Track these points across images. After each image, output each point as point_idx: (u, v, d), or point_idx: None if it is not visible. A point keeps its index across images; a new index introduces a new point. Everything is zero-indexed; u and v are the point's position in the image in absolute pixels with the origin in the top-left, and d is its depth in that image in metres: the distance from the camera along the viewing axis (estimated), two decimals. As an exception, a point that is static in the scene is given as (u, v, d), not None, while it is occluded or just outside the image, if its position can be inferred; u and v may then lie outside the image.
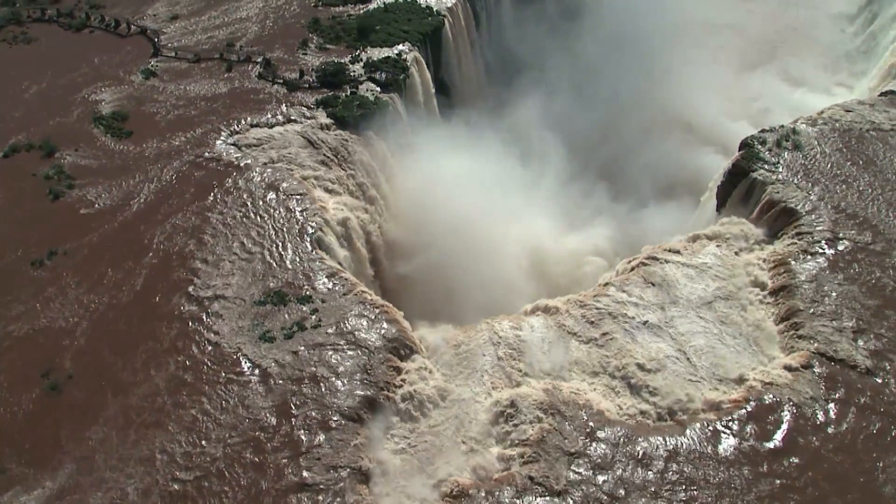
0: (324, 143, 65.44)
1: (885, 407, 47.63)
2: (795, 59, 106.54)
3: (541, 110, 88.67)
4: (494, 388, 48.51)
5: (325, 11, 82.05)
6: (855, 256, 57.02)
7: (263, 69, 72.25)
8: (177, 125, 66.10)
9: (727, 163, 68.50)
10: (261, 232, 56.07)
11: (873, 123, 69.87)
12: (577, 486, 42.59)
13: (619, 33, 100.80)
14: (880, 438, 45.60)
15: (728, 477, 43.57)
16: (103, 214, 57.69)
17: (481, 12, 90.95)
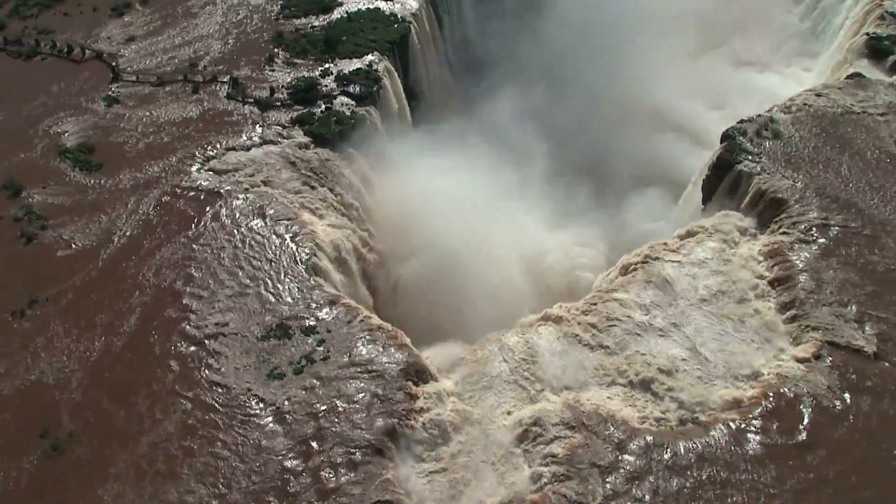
0: (304, 163, 63.67)
1: (891, 389, 48.37)
2: (751, 42, 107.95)
3: (512, 109, 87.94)
4: (514, 407, 47.69)
5: (288, 24, 79.77)
6: (847, 241, 57.70)
7: (232, 89, 69.92)
8: (149, 154, 63.46)
9: (710, 156, 68.78)
10: (253, 262, 54.17)
11: (844, 107, 70.87)
12: (612, 502, 42.06)
13: (580, 24, 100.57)
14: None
15: (759, 476, 43.63)
16: (83, 255, 54.97)
17: (444, 15, 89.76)
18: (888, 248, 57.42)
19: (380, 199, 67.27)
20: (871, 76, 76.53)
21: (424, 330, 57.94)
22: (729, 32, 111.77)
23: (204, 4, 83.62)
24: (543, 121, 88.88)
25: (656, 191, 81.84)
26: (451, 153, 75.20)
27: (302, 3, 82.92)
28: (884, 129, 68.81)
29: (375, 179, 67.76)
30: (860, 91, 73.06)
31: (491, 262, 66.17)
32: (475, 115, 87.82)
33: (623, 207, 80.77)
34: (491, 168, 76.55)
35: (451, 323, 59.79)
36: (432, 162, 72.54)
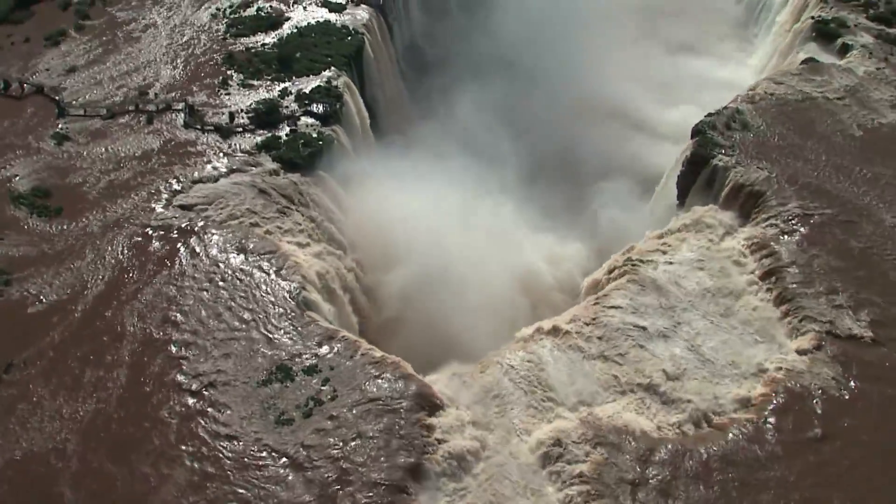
0: (276, 191, 61.38)
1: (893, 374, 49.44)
2: (693, 29, 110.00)
3: (469, 111, 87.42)
4: (530, 427, 46.83)
5: (238, 43, 76.83)
6: (828, 229, 58.88)
7: (189, 117, 66.92)
8: (111, 193, 60.08)
9: (682, 152, 69.28)
10: (240, 301, 51.84)
11: (804, 93, 72.42)
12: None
13: (526, 20, 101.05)
14: (905, 405, 47.39)
15: (782, 474, 43.98)
16: (57, 308, 51.51)
17: (394, 23, 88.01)
18: (866, 232, 58.85)
19: (357, 222, 65.52)
20: (824, 60, 78.35)
21: (418, 351, 56.70)
22: (670, 20, 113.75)
23: (145, 27, 79.90)
24: (503, 119, 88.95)
25: (622, 182, 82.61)
26: (418, 164, 74.23)
27: (248, 20, 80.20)
28: (844, 112, 70.56)
29: (350, 201, 65.99)
30: (817, 76, 74.70)
31: (476, 273, 65.24)
32: (433, 121, 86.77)
33: (593, 201, 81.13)
34: (461, 173, 75.69)
35: (444, 341, 58.84)
36: (402, 176, 71.31)
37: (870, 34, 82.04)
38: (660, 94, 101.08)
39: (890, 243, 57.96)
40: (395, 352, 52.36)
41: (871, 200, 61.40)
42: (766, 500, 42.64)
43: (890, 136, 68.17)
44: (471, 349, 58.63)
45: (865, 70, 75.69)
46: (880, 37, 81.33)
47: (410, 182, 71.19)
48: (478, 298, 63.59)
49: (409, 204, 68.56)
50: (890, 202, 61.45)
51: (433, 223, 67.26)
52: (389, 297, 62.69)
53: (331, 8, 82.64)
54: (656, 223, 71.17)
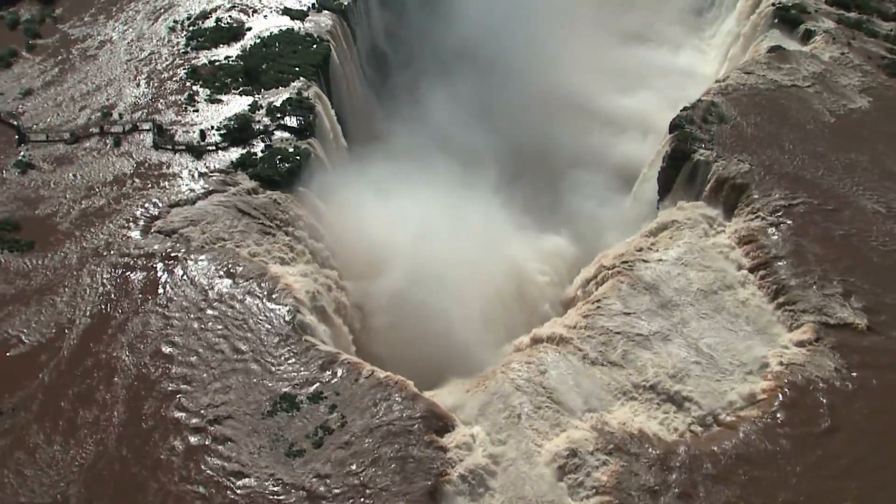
0: (257, 210, 59.59)
1: (893, 359, 50.25)
2: (649, 18, 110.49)
3: (436, 111, 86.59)
4: (543, 439, 46.45)
5: (200, 57, 74.24)
6: (812, 219, 59.70)
7: (158, 137, 64.53)
8: (85, 222, 57.58)
9: (661, 147, 69.44)
10: (235, 329, 50.25)
11: (775, 82, 73.20)
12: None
13: (488, 14, 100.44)
14: (906, 391, 48.34)
15: (796, 469, 44.55)
16: (42, 348, 49.10)
17: (356, 27, 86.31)
18: (849, 218, 59.83)
19: (341, 237, 64.01)
20: (787, 47, 79.30)
21: (413, 362, 55.89)
22: (626, 9, 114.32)
23: (101, 44, 76.78)
24: (472, 115, 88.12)
25: (595, 175, 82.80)
26: (393, 172, 73.00)
27: (209, 32, 77.59)
28: (815, 100, 71.56)
29: (331, 216, 64.40)
30: (784, 64, 75.57)
31: (466, 279, 64.38)
32: (402, 125, 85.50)
33: (567, 195, 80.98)
34: (438, 176, 74.88)
35: (438, 350, 57.96)
36: (378, 185, 70.14)
37: (830, 19, 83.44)
38: (619, 83, 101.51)
39: (872, 229, 59.01)
40: (390, 366, 51.90)
41: (849, 187, 62.41)
42: (784, 497, 43.06)
43: (861, 122, 69.38)
44: (466, 356, 58.22)
45: (830, 55, 76.88)
46: (841, 21, 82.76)
47: (388, 190, 70.07)
48: (468, 305, 62.83)
49: (389, 214, 67.43)
50: (867, 188, 62.56)
51: (416, 231, 66.14)
52: (379, 311, 61.41)
53: (292, 16, 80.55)
54: (637, 219, 71.66)
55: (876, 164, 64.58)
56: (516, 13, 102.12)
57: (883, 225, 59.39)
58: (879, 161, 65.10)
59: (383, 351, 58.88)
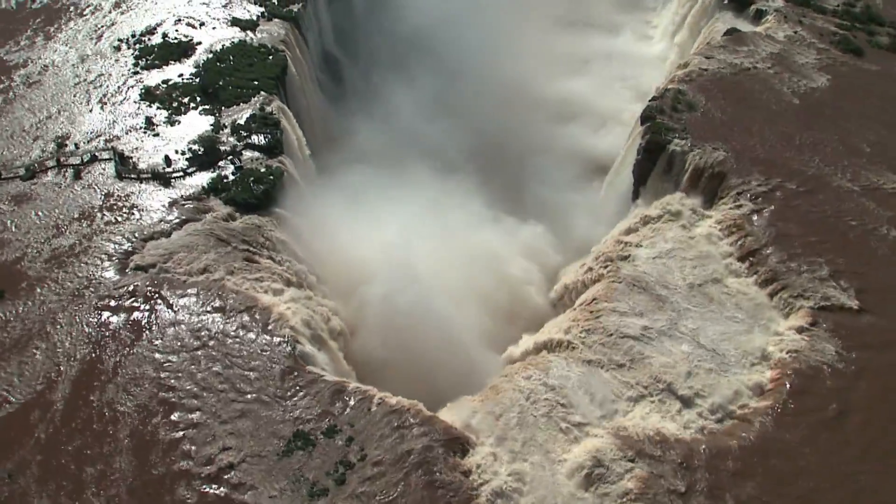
0: (236, 237, 57.43)
1: (888, 337, 51.56)
2: (598, 5, 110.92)
3: (395, 113, 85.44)
4: (563, 450, 46.10)
5: (152, 76, 71.12)
6: (792, 202, 60.71)
7: (120, 166, 61.53)
8: (56, 264, 54.45)
9: (631, 139, 69.60)
10: (234, 366, 48.29)
11: (735, 65, 74.12)
12: (703, 524, 41.99)
13: (434, 7, 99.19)
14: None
15: (814, 457, 45.17)
16: (33, 404, 46.08)
17: (307, 33, 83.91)
18: (825, 199, 61.12)
19: (323, 257, 62.37)
20: (741, 28, 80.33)
21: (415, 379, 55.24)
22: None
23: (43, 69, 72.60)
24: (429, 112, 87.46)
25: (559, 164, 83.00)
26: (361, 179, 72.20)
27: (157, 49, 74.28)
28: (776, 80, 72.70)
29: (311, 236, 62.58)
30: (742, 46, 76.61)
31: (455, 286, 63.68)
32: (362, 129, 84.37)
33: (538, 185, 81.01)
34: (407, 178, 74.11)
35: (437, 362, 57.26)
36: (351, 196, 69.00)
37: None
38: (568, 69, 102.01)
39: (848, 207, 60.38)
40: (390, 383, 51.13)
41: (821, 167, 63.70)
42: (807, 486, 43.66)
43: (822, 100, 70.83)
44: (463, 364, 57.73)
45: (785, 35, 78.23)
46: (789, 0, 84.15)
47: (360, 201, 68.97)
48: (461, 312, 62.18)
49: (365, 226, 66.29)
50: (838, 166, 63.95)
51: (395, 241, 64.84)
52: (371, 329, 60.08)
53: (242, 26, 77.81)
54: (611, 212, 71.83)
55: (843, 142, 66.02)
56: (461, 4, 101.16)
57: (857, 202, 60.80)
58: (845, 139, 66.58)
59: (380, 369, 57.72)
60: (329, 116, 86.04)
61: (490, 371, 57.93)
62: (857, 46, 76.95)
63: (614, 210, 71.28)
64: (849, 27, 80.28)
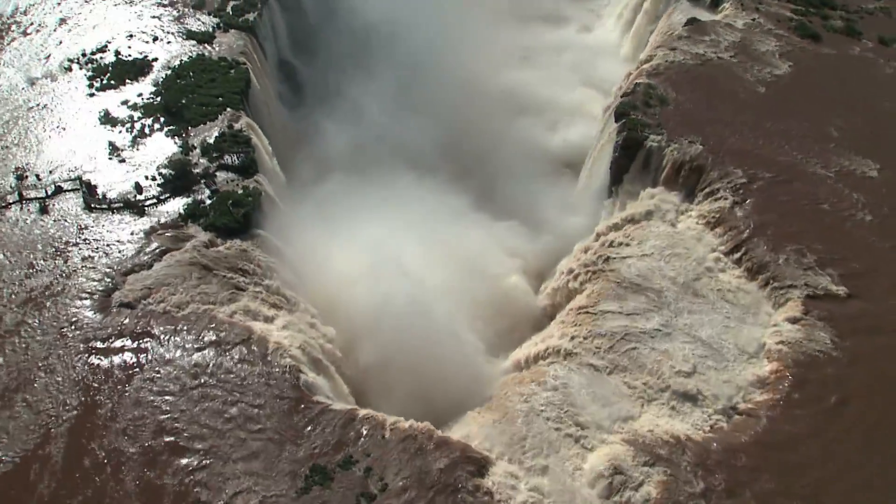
0: (220, 264, 55.47)
1: (877, 322, 52.93)
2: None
3: (363, 115, 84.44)
4: (579, 461, 46.16)
5: (109, 97, 68.04)
6: (771, 192, 61.79)
7: (88, 196, 58.89)
8: (34, 306, 51.41)
9: (609, 136, 69.53)
10: (238, 402, 46.68)
11: (699, 56, 74.94)
12: (727, 524, 42.51)
13: (386, 11, 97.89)
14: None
15: (821, 447, 46.14)
16: (29, 460, 42.94)
17: (264, 42, 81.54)
18: (803, 188, 62.50)
19: (308, 277, 60.85)
20: (699, 16, 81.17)
21: (414, 393, 54.65)
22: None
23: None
24: (392, 113, 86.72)
25: (531, 159, 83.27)
26: (334, 190, 71.09)
27: (111, 67, 71.06)
28: (740, 69, 73.78)
29: (295, 256, 61.04)
30: (704, 36, 77.44)
31: (446, 292, 62.99)
32: (326, 137, 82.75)
33: (508, 182, 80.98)
34: (378, 185, 73.18)
35: (437, 375, 56.55)
36: (327, 210, 67.77)
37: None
38: (527, 63, 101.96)
39: (825, 194, 61.77)
40: (387, 407, 50.46)
41: (794, 156, 64.97)
42: (820, 476, 44.51)
43: (787, 87, 72.17)
44: (462, 374, 57.22)
45: (743, 22, 79.38)
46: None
47: (336, 215, 67.83)
48: (453, 321, 61.57)
49: (346, 240, 65.14)
50: (810, 153, 65.35)
51: (378, 253, 63.96)
52: (365, 348, 58.92)
53: (198, 39, 75.12)
54: (589, 209, 72.02)
55: (812, 129, 67.43)
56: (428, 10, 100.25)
57: (833, 188, 62.23)
58: (814, 125, 68.02)
59: (379, 388, 56.80)
60: (291, 126, 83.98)
61: (489, 375, 57.62)
62: (814, 31, 78.57)
63: (591, 205, 71.51)
64: (803, 12, 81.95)
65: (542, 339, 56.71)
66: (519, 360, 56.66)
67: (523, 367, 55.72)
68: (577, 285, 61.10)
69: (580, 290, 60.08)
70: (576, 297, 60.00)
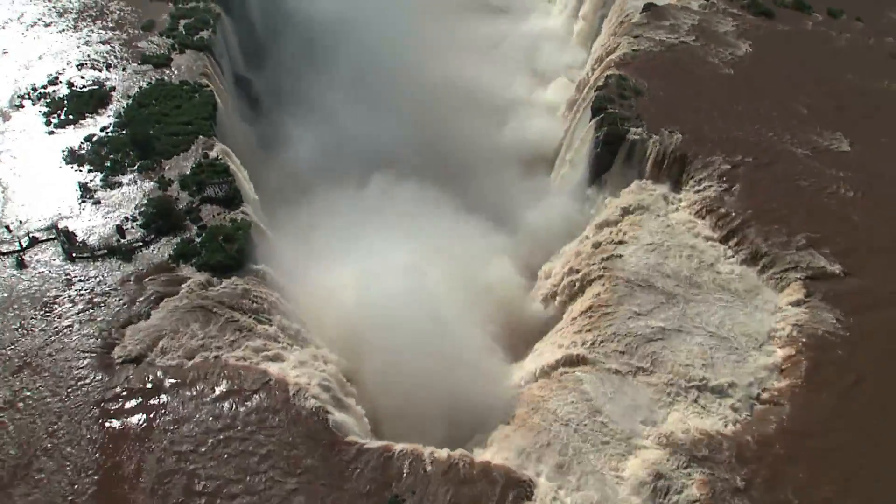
0: (221, 306, 53.37)
1: (875, 298, 54.79)
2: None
3: (325, 124, 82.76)
4: (617, 470, 46.62)
5: (70, 134, 64.39)
6: (756, 176, 63.29)
7: (68, 245, 55.89)
8: (30, 371, 47.99)
9: (587, 131, 69.49)
10: (269, 450, 45.18)
11: (662, 42, 75.70)
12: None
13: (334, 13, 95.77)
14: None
15: (847, 428, 47.60)
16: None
17: (220, 60, 78.50)
18: (784, 169, 64.10)
19: (308, 307, 59.28)
20: (656, 1, 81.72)
21: (432, 411, 54.14)
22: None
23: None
24: (354, 119, 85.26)
25: (500, 154, 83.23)
26: (314, 211, 69.46)
27: (67, 101, 67.00)
28: (703, 52, 74.98)
29: (293, 286, 59.34)
30: (664, 21, 78.19)
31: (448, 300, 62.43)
32: (292, 153, 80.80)
33: (485, 176, 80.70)
34: (355, 198, 72.08)
35: (453, 388, 56.03)
36: (311, 232, 66.35)
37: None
38: (481, 56, 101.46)
39: (806, 172, 63.45)
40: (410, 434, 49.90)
41: (769, 136, 66.62)
42: (852, 459, 45.93)
43: (751, 68, 73.61)
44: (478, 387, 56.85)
45: (699, 4, 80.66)
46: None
47: (322, 237, 66.55)
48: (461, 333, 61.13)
49: (337, 262, 63.83)
50: (785, 132, 67.05)
51: (368, 271, 62.85)
52: (374, 374, 57.89)
53: (154, 63, 71.62)
54: (569, 205, 72.10)
55: (782, 108, 69.05)
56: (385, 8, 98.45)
57: (811, 166, 64.03)
58: (782, 103, 69.62)
59: (394, 413, 55.98)
60: (255, 144, 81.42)
61: (507, 386, 57.18)
62: (766, 9, 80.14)
63: (570, 202, 71.54)
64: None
65: (556, 347, 56.61)
66: (535, 370, 56.38)
67: (539, 376, 55.49)
68: (578, 285, 61.00)
69: (583, 290, 60.13)
70: (579, 298, 60.09)
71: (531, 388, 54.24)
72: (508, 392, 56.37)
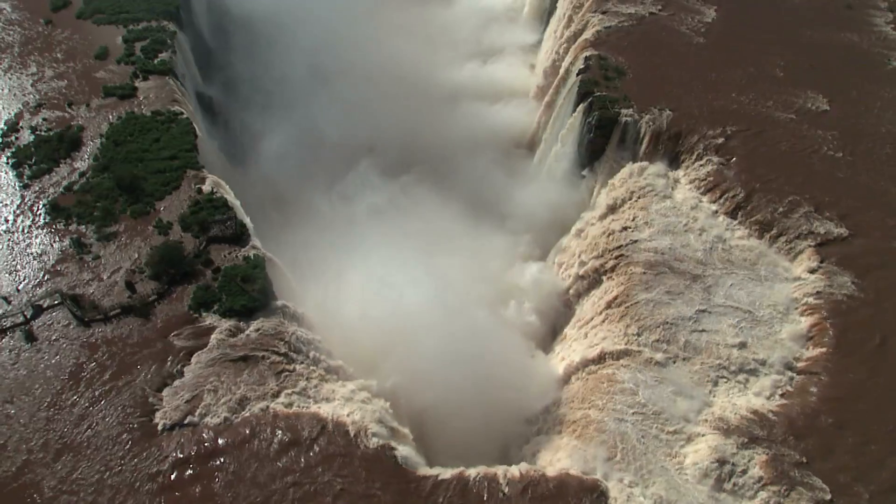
0: (256, 351, 52.06)
1: (883, 257, 57.28)
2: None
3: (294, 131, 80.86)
4: (678, 459, 48.06)
5: (48, 184, 60.31)
6: (751, 146, 64.75)
7: (77, 310, 53.06)
8: (71, 453, 45.83)
9: (574, 117, 69.30)
10: (350, 496, 44.91)
11: (632, 15, 76.02)
12: (839, 481, 45.39)
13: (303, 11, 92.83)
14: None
15: (888, 385, 50.19)
16: None
17: (185, 81, 74.54)
18: (775, 136, 65.76)
19: (327, 335, 57.93)
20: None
21: (485, 430, 54.64)
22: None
23: None
24: (325, 120, 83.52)
25: (474, 136, 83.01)
26: (304, 232, 68.11)
27: (37, 147, 62.50)
28: (673, 22, 75.86)
29: (307, 316, 57.87)
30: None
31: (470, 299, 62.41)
32: (266, 168, 78.46)
33: (467, 162, 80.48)
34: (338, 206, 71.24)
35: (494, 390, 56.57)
36: (319, 254, 65.28)
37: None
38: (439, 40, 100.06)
39: (795, 137, 65.20)
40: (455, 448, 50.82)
41: (756, 104, 67.89)
42: (894, 415, 48.16)
43: (723, 34, 74.92)
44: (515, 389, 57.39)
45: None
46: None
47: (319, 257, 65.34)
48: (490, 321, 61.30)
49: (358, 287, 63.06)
50: (767, 97, 68.62)
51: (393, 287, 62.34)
52: (415, 392, 57.44)
53: (119, 95, 67.49)
54: (561, 189, 72.34)
55: (760, 73, 70.50)
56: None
57: (798, 129, 65.94)
58: (760, 67, 71.07)
59: (441, 427, 55.99)
60: (223, 159, 78.20)
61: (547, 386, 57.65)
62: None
63: (564, 188, 71.73)
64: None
65: (589, 340, 57.08)
66: (573, 364, 56.70)
67: (574, 373, 56.06)
68: (594, 275, 61.48)
69: (599, 281, 60.66)
70: (598, 287, 60.62)
71: (574, 385, 54.84)
72: (551, 390, 56.90)
